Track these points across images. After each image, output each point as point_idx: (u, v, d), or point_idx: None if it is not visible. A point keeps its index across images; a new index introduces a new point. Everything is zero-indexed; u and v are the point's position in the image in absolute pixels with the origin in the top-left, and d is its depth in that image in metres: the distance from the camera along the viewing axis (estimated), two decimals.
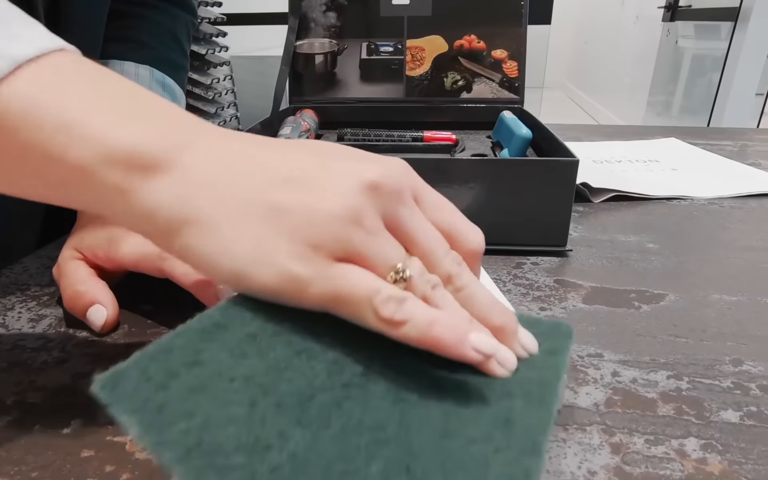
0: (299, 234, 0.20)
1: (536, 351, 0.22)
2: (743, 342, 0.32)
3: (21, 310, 0.36)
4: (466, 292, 0.22)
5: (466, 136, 0.62)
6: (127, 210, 0.21)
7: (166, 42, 0.53)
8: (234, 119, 2.22)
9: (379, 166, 0.22)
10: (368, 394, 0.19)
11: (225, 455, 0.16)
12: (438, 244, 0.23)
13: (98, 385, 0.17)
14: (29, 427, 0.26)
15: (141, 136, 0.21)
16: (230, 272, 0.20)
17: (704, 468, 0.23)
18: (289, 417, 0.18)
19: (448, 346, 0.19)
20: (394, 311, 0.19)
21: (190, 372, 0.18)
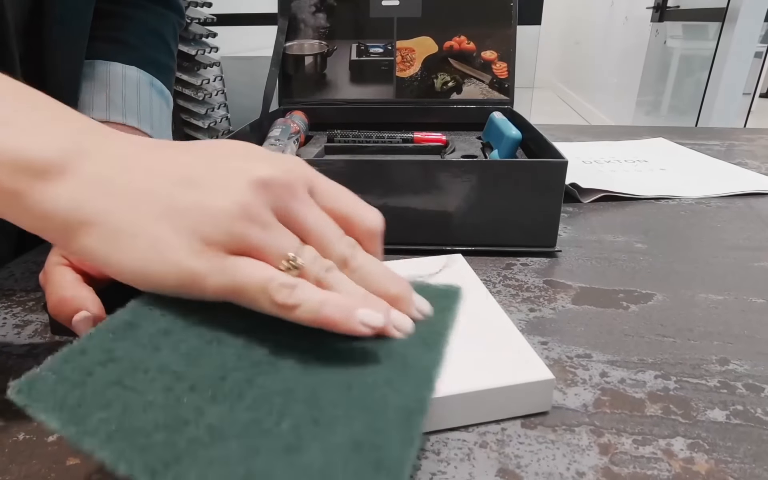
0: (193, 231, 0.22)
1: (430, 312, 0.25)
2: (729, 341, 0.33)
3: (6, 316, 0.35)
4: (361, 271, 0.24)
5: (457, 137, 0.62)
6: (23, 211, 0.22)
7: (153, 43, 0.52)
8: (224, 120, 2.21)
9: (268, 164, 0.23)
10: (277, 369, 0.21)
11: (145, 435, 0.17)
12: (331, 230, 0.25)
13: (14, 390, 0.18)
14: (13, 435, 0.26)
15: (37, 143, 0.22)
16: (130, 271, 0.22)
17: (691, 467, 0.24)
18: (204, 396, 0.19)
19: (338, 323, 0.21)
20: (286, 296, 0.21)
21: (105, 368, 0.19)
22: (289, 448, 0.18)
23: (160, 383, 0.19)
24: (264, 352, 0.22)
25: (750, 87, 2.51)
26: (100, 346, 0.21)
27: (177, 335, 0.22)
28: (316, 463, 0.17)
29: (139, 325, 0.22)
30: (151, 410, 0.18)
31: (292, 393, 0.20)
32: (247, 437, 0.18)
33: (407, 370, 0.22)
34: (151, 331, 0.21)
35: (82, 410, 0.18)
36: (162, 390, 0.19)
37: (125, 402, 0.18)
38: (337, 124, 0.64)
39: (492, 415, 0.26)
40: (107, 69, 0.48)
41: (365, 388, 0.20)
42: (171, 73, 0.55)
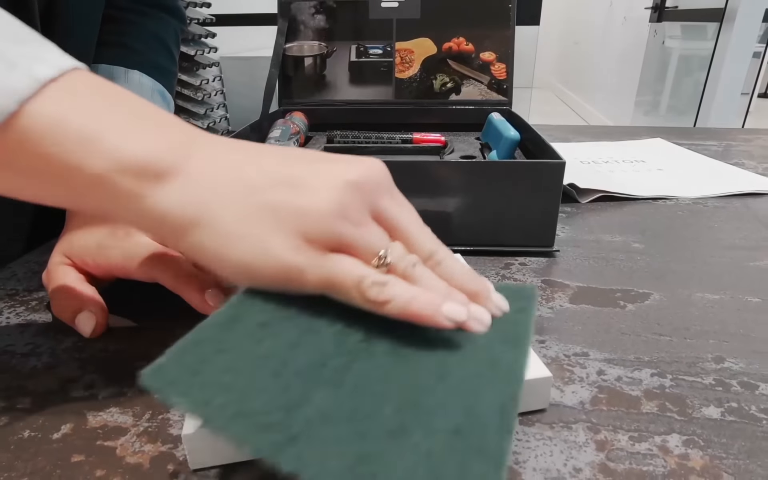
0: (295, 229, 0.23)
1: (508, 309, 0.26)
2: (725, 339, 0.33)
3: (9, 316, 0.36)
4: (444, 266, 0.26)
5: (455, 137, 0.63)
6: (140, 214, 0.23)
7: (156, 47, 0.53)
8: (223, 120, 2.22)
9: (360, 166, 0.25)
10: (371, 355, 0.22)
11: (264, 415, 0.19)
12: (416, 227, 0.26)
13: (145, 377, 0.20)
14: (19, 433, 0.26)
15: (151, 147, 0.23)
16: (237, 266, 0.23)
17: (686, 463, 0.24)
18: (309, 381, 0.21)
19: (424, 317, 0.23)
20: (377, 293, 0.23)
21: (218, 357, 0.21)
22: (394, 432, 0.19)
23: (268, 370, 0.21)
24: (357, 339, 0.23)
25: (748, 87, 2.52)
26: (210, 338, 0.22)
27: (276, 327, 0.23)
28: (421, 447, 0.18)
29: (241, 318, 0.23)
30: (264, 394, 0.20)
31: (389, 379, 0.21)
32: (354, 421, 0.19)
33: (495, 365, 0.23)
34: (252, 324, 0.23)
35: (206, 394, 0.19)
36: (271, 376, 0.21)
37: (241, 387, 0.20)
38: (337, 125, 0.65)
39: None
40: (110, 73, 0.49)
41: (458, 379, 0.22)
42: (173, 78, 0.56)
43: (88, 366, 0.31)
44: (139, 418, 0.27)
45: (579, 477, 0.23)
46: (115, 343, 0.33)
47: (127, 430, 0.26)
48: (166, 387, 0.20)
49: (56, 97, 0.22)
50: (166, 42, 0.55)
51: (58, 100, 0.22)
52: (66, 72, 0.22)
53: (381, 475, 0.17)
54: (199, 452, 0.24)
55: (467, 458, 0.18)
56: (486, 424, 0.19)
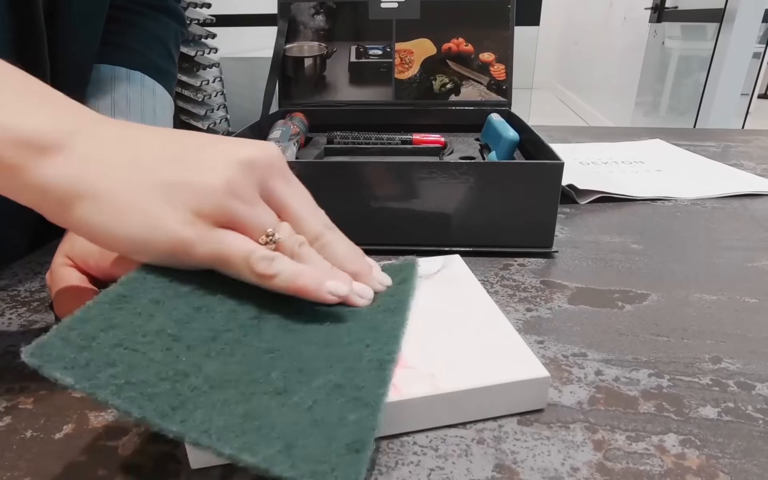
0: (186, 204, 0.24)
1: (390, 283, 0.28)
2: (722, 340, 0.33)
3: (11, 316, 0.36)
4: (329, 248, 0.27)
5: (455, 138, 0.63)
6: (21, 185, 0.23)
7: (156, 49, 0.53)
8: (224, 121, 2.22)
9: (253, 147, 0.26)
10: (262, 330, 0.24)
11: (151, 385, 0.20)
12: (305, 209, 0.27)
13: (27, 353, 0.20)
14: (21, 433, 0.26)
15: (35, 121, 0.23)
16: (126, 240, 0.24)
17: (683, 463, 0.24)
18: (200, 353, 0.22)
19: (309, 291, 0.24)
20: (265, 268, 0.24)
21: (107, 334, 0.22)
22: (279, 391, 0.20)
23: (159, 344, 0.22)
24: (248, 316, 0.24)
25: (748, 87, 2.52)
26: (99, 315, 0.22)
27: (168, 303, 0.24)
28: (304, 402, 0.20)
29: (132, 296, 0.24)
30: (153, 366, 0.20)
31: (277, 350, 0.23)
32: (242, 385, 0.20)
33: (377, 331, 0.25)
34: (144, 301, 0.23)
35: (92, 369, 0.20)
36: (161, 350, 0.21)
37: (129, 360, 0.20)
38: (337, 126, 0.65)
39: (489, 412, 0.27)
40: (112, 73, 0.49)
41: (341, 346, 0.24)
42: (173, 79, 0.56)
43: None
44: None
45: (576, 476, 0.24)
46: None
47: (128, 430, 0.26)
48: (50, 363, 0.20)
49: None
50: (167, 44, 0.55)
51: None
52: None
53: (265, 427, 0.19)
54: (200, 452, 0.24)
55: (345, 407, 0.20)
56: (364, 379, 0.21)
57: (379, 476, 0.23)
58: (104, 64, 0.49)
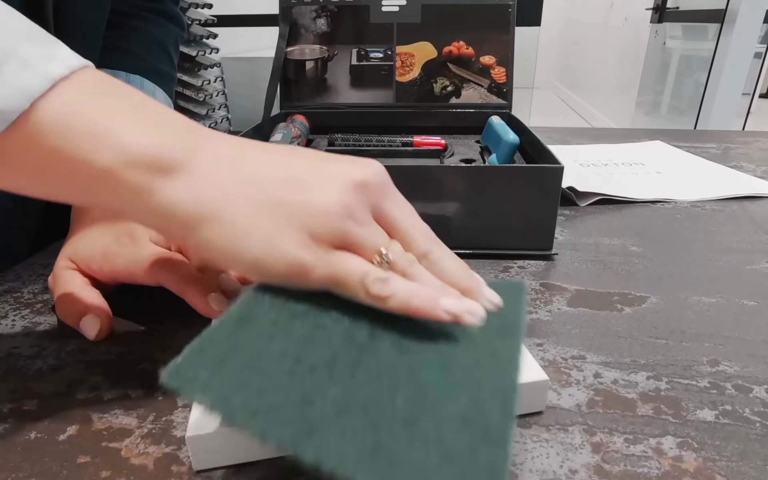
0: (303, 226, 0.24)
1: (501, 303, 0.27)
2: (720, 343, 0.33)
3: (15, 318, 0.36)
4: (440, 265, 0.27)
5: (455, 140, 0.63)
6: (148, 209, 0.23)
7: (156, 53, 0.54)
8: (225, 120, 2.22)
9: (363, 167, 0.26)
10: (377, 350, 0.23)
11: (283, 411, 0.20)
12: (415, 227, 0.27)
13: (166, 376, 0.20)
14: (25, 434, 0.26)
15: (159, 142, 0.23)
16: (248, 261, 0.24)
17: (680, 465, 0.24)
18: (322, 376, 0.22)
19: (424, 311, 0.24)
20: (380, 289, 0.23)
21: (234, 355, 0.22)
22: (406, 421, 0.20)
23: (283, 366, 0.22)
24: (363, 335, 0.24)
25: (749, 88, 2.52)
26: (224, 337, 0.23)
27: (286, 324, 0.24)
28: (432, 434, 0.19)
29: (252, 317, 0.24)
30: (281, 389, 0.21)
31: (396, 372, 0.22)
32: (368, 412, 0.20)
33: (493, 355, 0.24)
34: (264, 323, 0.24)
35: (225, 391, 0.20)
36: (285, 372, 0.21)
37: (258, 383, 0.21)
38: (338, 128, 0.65)
39: None
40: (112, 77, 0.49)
41: (459, 370, 0.23)
42: (172, 83, 0.57)
43: (93, 368, 0.31)
44: (143, 420, 0.27)
45: (575, 479, 0.24)
46: (119, 346, 0.33)
47: (131, 431, 0.26)
48: (188, 385, 0.20)
49: (65, 94, 0.22)
50: (167, 47, 0.56)
51: (67, 97, 0.22)
52: (76, 70, 0.23)
53: (397, 461, 0.18)
54: (203, 454, 0.24)
55: (475, 443, 0.19)
56: (489, 411, 0.21)
57: None
58: (104, 69, 0.50)
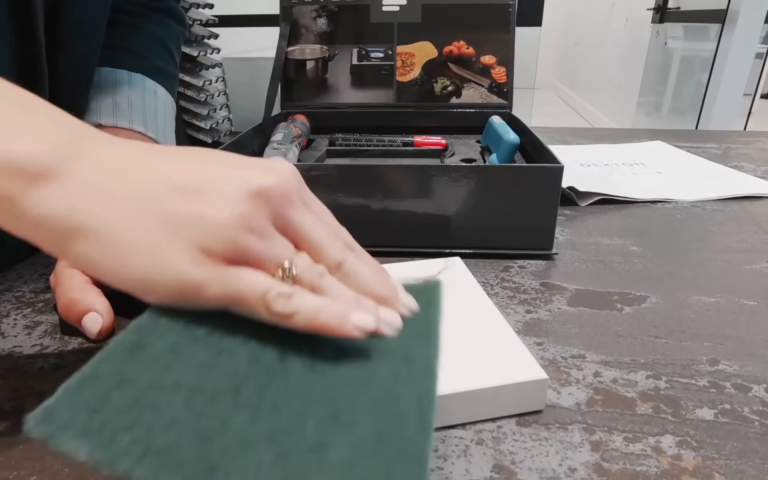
0: (193, 241, 0.22)
1: (417, 308, 0.26)
2: (720, 342, 0.34)
3: (16, 317, 0.36)
4: (354, 276, 0.25)
5: (456, 140, 0.63)
6: (14, 217, 0.21)
7: (157, 51, 0.54)
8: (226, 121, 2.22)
9: (266, 173, 0.24)
10: (288, 372, 0.22)
11: (176, 450, 0.17)
12: (325, 237, 0.25)
13: (32, 422, 0.17)
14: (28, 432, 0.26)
15: (30, 147, 0.21)
16: (131, 279, 0.22)
17: (679, 464, 0.25)
18: (225, 406, 0.19)
19: (332, 328, 0.22)
20: (283, 306, 0.22)
21: (120, 392, 0.19)
22: (316, 447, 0.18)
23: (179, 399, 0.19)
24: (271, 358, 0.22)
25: (750, 88, 2.52)
26: (111, 370, 0.20)
27: (185, 350, 0.22)
28: (345, 459, 0.18)
29: (146, 344, 0.22)
30: (175, 427, 0.18)
31: (307, 395, 0.21)
32: (275, 442, 0.18)
33: (410, 363, 0.23)
34: (159, 349, 0.21)
35: (107, 434, 0.18)
36: (182, 406, 0.19)
37: (148, 421, 0.18)
38: (339, 128, 0.65)
39: (488, 413, 0.27)
40: (114, 75, 0.49)
41: (374, 384, 0.21)
42: (174, 81, 0.57)
43: None
44: None
45: (574, 477, 0.24)
46: None
47: None
48: (58, 432, 0.17)
49: None
50: (168, 46, 0.56)
51: None
52: None
53: None
54: None
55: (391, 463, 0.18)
56: (405, 426, 0.19)
57: None
58: (105, 67, 0.50)
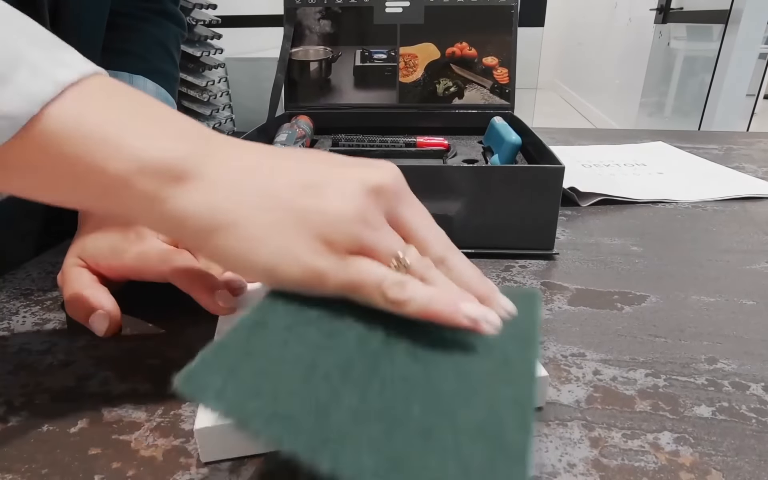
0: (317, 233, 0.23)
1: (515, 311, 0.27)
2: (719, 341, 0.34)
3: (25, 315, 0.37)
4: (456, 270, 0.27)
5: (458, 141, 0.64)
6: (161, 217, 0.23)
7: (158, 53, 0.55)
8: (229, 121, 2.23)
9: (378, 171, 0.26)
10: (393, 356, 0.23)
11: (298, 418, 0.19)
12: (430, 232, 0.27)
13: (179, 383, 0.20)
14: (38, 427, 0.27)
15: (172, 149, 0.23)
16: (262, 269, 0.24)
17: (676, 460, 0.25)
18: (337, 383, 0.21)
19: (444, 316, 0.23)
20: (398, 293, 0.23)
21: (247, 361, 0.22)
22: (422, 431, 0.20)
23: (297, 373, 0.21)
24: (378, 341, 0.24)
25: (754, 88, 2.51)
26: (238, 342, 0.23)
27: (300, 330, 0.23)
28: (450, 445, 0.19)
29: (266, 323, 0.24)
30: (296, 397, 0.20)
31: (412, 380, 0.22)
32: (384, 421, 0.20)
33: (509, 365, 0.24)
34: (278, 328, 0.23)
35: (239, 398, 0.20)
36: (300, 379, 0.21)
37: (272, 390, 0.20)
38: (342, 129, 0.66)
39: None
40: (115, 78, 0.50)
41: (475, 378, 0.22)
42: (175, 82, 0.57)
43: (102, 364, 0.32)
44: (152, 414, 0.28)
45: (573, 472, 0.24)
46: (127, 342, 0.34)
47: (141, 424, 0.27)
48: (201, 391, 0.20)
49: (77, 100, 0.22)
50: (168, 47, 0.57)
51: (79, 104, 0.22)
52: (87, 76, 0.23)
53: (414, 473, 0.18)
54: (211, 446, 0.25)
55: (494, 456, 0.19)
56: (507, 423, 0.20)
57: None
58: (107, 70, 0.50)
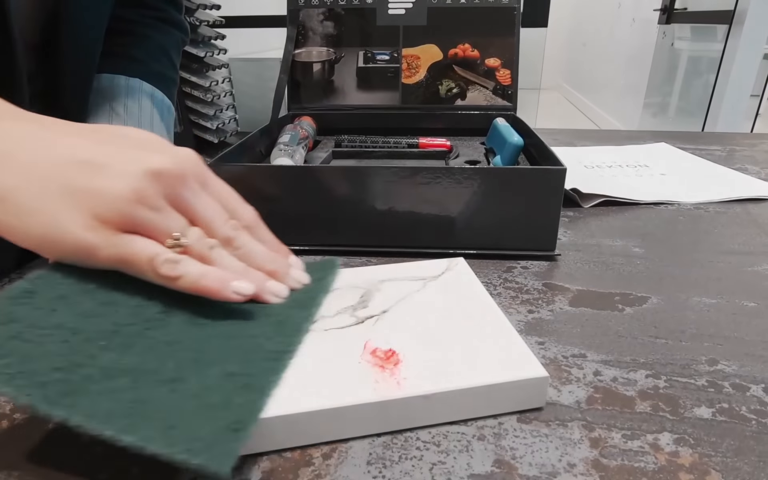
0: (89, 209, 0.25)
1: (308, 281, 0.30)
2: (719, 343, 0.34)
3: None
4: (243, 250, 0.29)
5: (461, 142, 0.64)
6: None
7: (157, 57, 0.55)
8: (232, 121, 2.24)
9: (164, 156, 0.27)
10: (168, 324, 0.25)
11: (43, 375, 0.20)
12: (217, 215, 0.29)
13: None
14: (43, 425, 0.27)
15: None
16: (35, 239, 0.25)
17: (676, 460, 0.25)
18: (97, 345, 0.23)
19: (213, 291, 0.26)
20: (169, 269, 0.25)
21: (5, 327, 0.22)
22: (171, 380, 0.21)
23: (57, 337, 0.22)
24: (155, 311, 0.25)
25: (758, 89, 2.50)
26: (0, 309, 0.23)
27: (74, 299, 0.25)
28: (194, 389, 0.21)
29: (36, 291, 0.25)
30: (48, 357, 0.21)
31: (179, 343, 0.24)
32: (135, 374, 0.21)
33: (283, 325, 0.26)
34: (48, 297, 0.25)
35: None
36: (58, 342, 0.22)
37: (24, 352, 0.21)
38: (345, 130, 0.66)
39: (489, 410, 0.28)
40: (112, 81, 0.51)
41: (243, 338, 0.24)
42: (174, 86, 0.58)
43: None
44: None
45: (573, 472, 0.25)
46: None
47: None
48: None
49: None
50: (168, 52, 0.57)
51: None
52: None
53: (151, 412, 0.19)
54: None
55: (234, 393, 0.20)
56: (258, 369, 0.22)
57: (383, 470, 0.24)
58: (104, 73, 0.51)
